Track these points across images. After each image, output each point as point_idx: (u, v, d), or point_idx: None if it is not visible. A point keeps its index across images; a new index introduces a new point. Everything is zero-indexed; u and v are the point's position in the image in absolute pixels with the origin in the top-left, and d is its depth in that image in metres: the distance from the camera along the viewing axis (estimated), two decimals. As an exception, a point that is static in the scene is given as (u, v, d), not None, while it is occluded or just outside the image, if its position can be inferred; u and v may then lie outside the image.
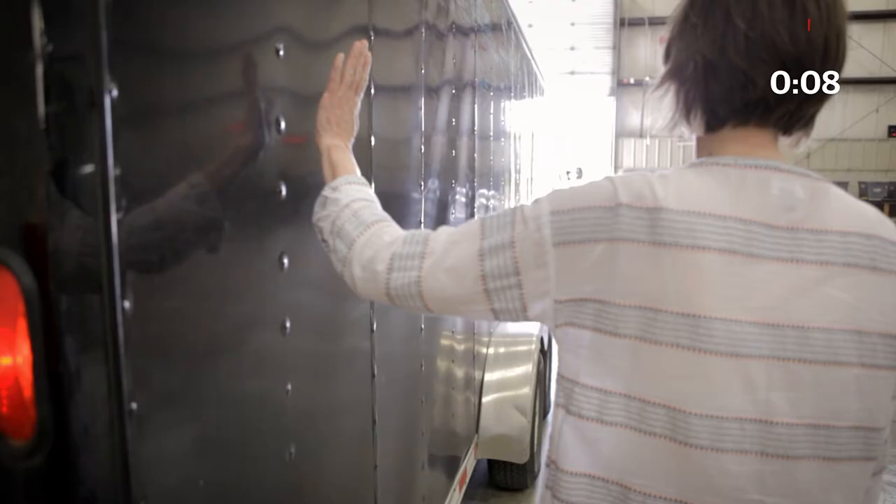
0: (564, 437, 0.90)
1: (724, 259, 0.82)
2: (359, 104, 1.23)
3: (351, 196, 1.10)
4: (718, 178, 0.86)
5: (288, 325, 1.19)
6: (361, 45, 1.21)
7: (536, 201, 0.91)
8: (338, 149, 1.18)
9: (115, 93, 0.73)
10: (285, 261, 1.18)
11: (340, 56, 1.20)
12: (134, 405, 0.78)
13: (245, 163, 1.06)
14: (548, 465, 0.94)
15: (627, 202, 0.84)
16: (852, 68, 18.20)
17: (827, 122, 18.54)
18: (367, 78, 1.22)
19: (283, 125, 1.14)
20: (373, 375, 1.70)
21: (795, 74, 0.84)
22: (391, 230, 1.04)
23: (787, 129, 0.91)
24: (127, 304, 0.76)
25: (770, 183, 0.85)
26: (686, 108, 0.92)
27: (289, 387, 1.21)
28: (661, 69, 0.95)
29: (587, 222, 0.85)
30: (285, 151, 1.17)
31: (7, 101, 0.68)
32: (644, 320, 0.82)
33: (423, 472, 2.33)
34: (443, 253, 0.95)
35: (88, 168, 0.72)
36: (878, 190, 18.08)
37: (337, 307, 1.48)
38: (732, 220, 0.83)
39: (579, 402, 0.88)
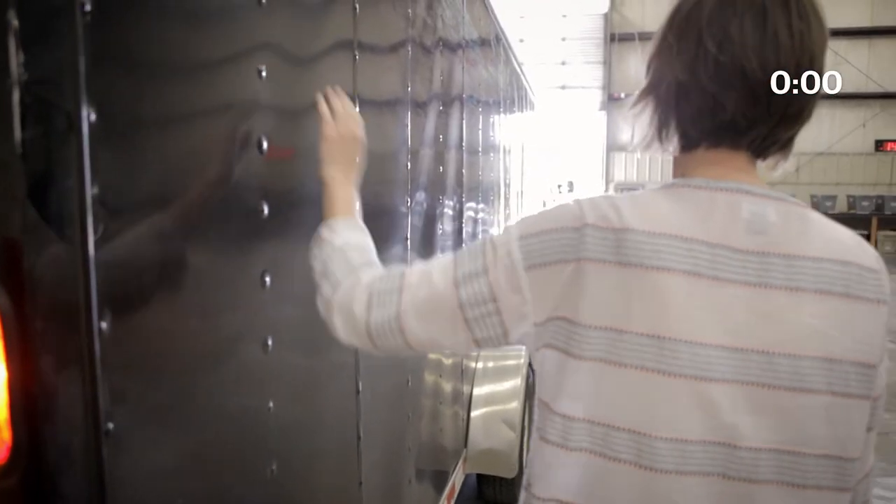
0: (536, 462, 0.90)
1: (688, 281, 0.81)
2: (363, 136, 1.22)
3: (345, 239, 1.10)
4: (688, 201, 0.85)
5: (270, 342, 1.19)
6: (331, 90, 1.23)
7: (506, 229, 0.92)
8: (339, 183, 1.17)
9: (93, 116, 0.74)
10: (267, 279, 1.18)
11: (320, 95, 1.21)
12: (111, 425, 0.78)
13: (226, 182, 1.06)
14: (525, 488, 0.94)
15: (593, 222, 0.84)
16: (840, 84, 18.41)
17: (815, 136, 18.71)
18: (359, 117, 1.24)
19: (265, 144, 1.15)
20: (357, 391, 1.70)
21: (764, 99, 0.83)
22: (372, 272, 1.04)
23: (760, 153, 0.90)
24: (104, 325, 0.77)
25: (740, 206, 0.84)
26: (659, 128, 0.92)
27: (271, 404, 1.21)
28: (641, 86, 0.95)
29: (556, 244, 0.85)
30: (267, 170, 1.18)
31: (-15, 126, 0.68)
32: (609, 341, 0.82)
33: (410, 488, 2.32)
34: (418, 285, 0.95)
35: (66, 191, 0.72)
36: (865, 203, 18.21)
37: (320, 324, 1.48)
38: (698, 243, 0.82)
39: (547, 428, 0.87)
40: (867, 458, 0.92)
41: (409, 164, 2.15)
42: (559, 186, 13.64)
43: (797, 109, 0.86)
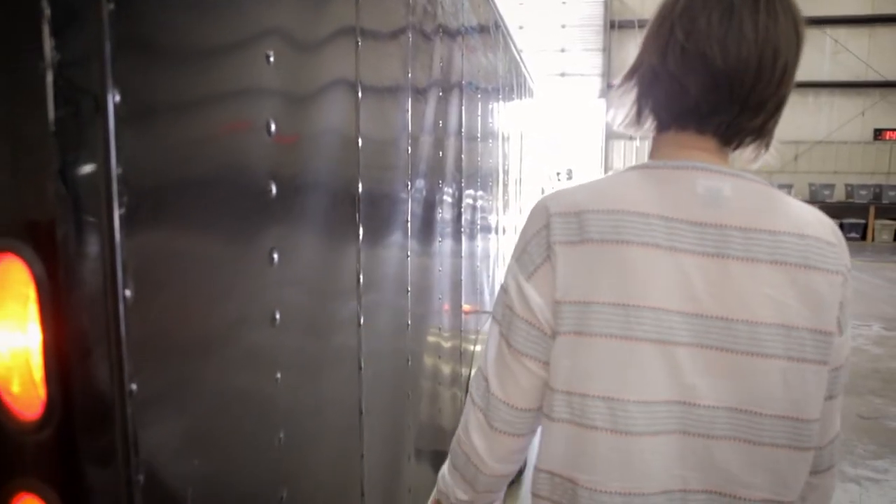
0: (538, 436, 0.99)
1: (647, 252, 0.87)
2: None
3: None
4: (646, 179, 0.92)
5: (277, 317, 1.25)
6: None
7: (507, 266, 1.00)
8: None
9: (117, 97, 0.80)
10: (275, 256, 1.24)
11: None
12: (134, 386, 0.84)
13: (238, 163, 1.12)
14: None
15: (556, 211, 0.91)
16: (838, 72, 18.41)
17: (814, 125, 18.74)
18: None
19: (273, 127, 1.21)
20: (360, 368, 1.77)
21: (726, 87, 0.88)
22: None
23: (728, 139, 0.94)
24: (128, 293, 0.83)
25: (695, 182, 0.90)
26: (638, 109, 0.99)
27: (278, 376, 1.27)
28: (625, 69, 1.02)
29: (538, 248, 0.93)
30: (275, 152, 1.24)
31: (20, 106, 0.74)
32: (579, 314, 0.88)
33: (409, 465, 2.39)
34: (485, 353, 1.03)
35: (93, 168, 0.78)
36: (863, 192, 18.26)
37: (325, 301, 1.54)
38: (655, 217, 0.88)
39: (544, 401, 0.96)
40: (832, 424, 0.98)
41: (409, 148, 2.21)
42: (558, 174, 13.69)
43: (759, 100, 0.90)
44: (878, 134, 19.25)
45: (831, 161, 19.38)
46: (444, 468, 1.14)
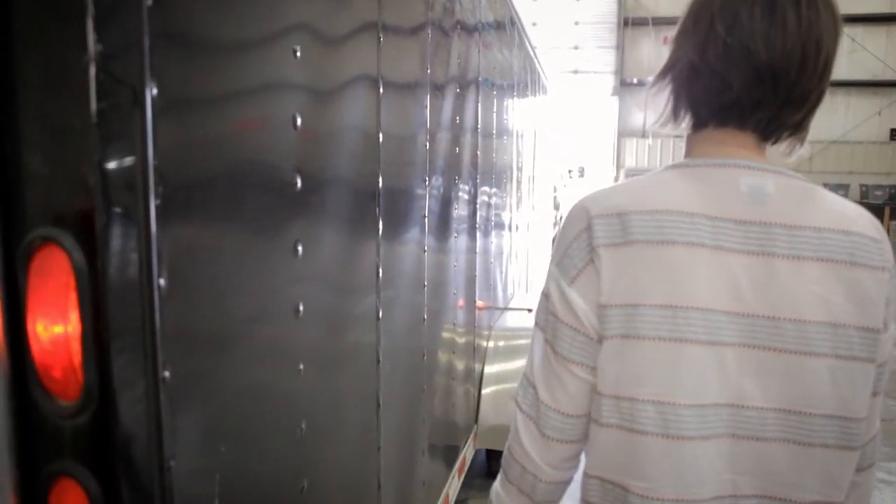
0: (588, 439, 0.96)
1: (693, 252, 0.86)
2: None
3: None
4: (687, 178, 0.91)
5: (301, 309, 1.28)
6: None
7: (547, 273, 0.97)
8: None
9: (155, 91, 0.82)
10: (299, 248, 1.26)
11: None
12: (167, 374, 0.87)
13: (266, 156, 1.14)
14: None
15: (597, 213, 0.90)
16: (855, 71, 18.25)
17: (829, 124, 18.60)
18: None
19: (299, 121, 1.23)
20: (378, 362, 1.79)
21: (770, 81, 0.88)
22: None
23: (768, 135, 0.94)
24: (162, 282, 0.85)
25: (738, 180, 0.89)
26: (674, 107, 0.97)
27: (301, 367, 1.29)
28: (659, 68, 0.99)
29: (579, 252, 0.91)
30: (301, 146, 1.26)
31: (64, 99, 0.76)
32: (626, 317, 0.86)
33: (423, 458, 2.41)
34: (528, 366, 1.00)
35: (131, 159, 0.80)
36: (879, 193, 18.13)
37: (345, 295, 1.56)
38: (699, 217, 0.87)
39: (593, 406, 0.93)
40: (873, 422, 0.96)
41: (427, 144, 2.22)
42: (570, 172, 13.70)
43: (802, 93, 0.89)
44: (895, 134, 19.10)
45: (846, 161, 19.23)
46: (497, 486, 1.11)
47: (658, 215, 0.87)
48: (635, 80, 20.41)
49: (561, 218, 11.80)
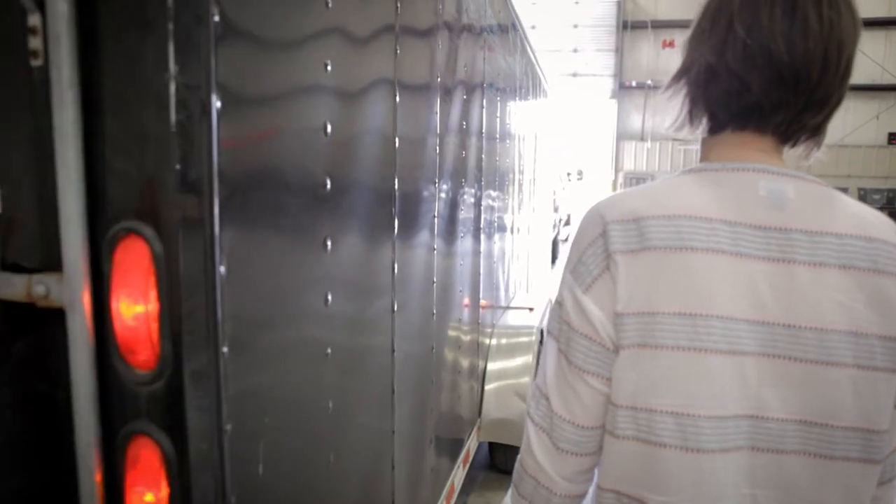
0: (602, 451, 0.95)
1: (712, 258, 0.84)
2: None
3: None
4: (704, 183, 0.89)
5: (329, 298, 1.42)
6: None
7: (561, 279, 0.96)
8: None
9: (218, 104, 0.96)
10: (328, 243, 1.40)
11: None
12: (225, 349, 1.01)
13: (303, 160, 1.28)
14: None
15: (613, 219, 0.88)
16: (853, 74, 18.42)
17: (828, 128, 18.77)
18: None
19: (329, 128, 1.37)
20: (393, 351, 1.93)
21: (792, 83, 0.86)
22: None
23: (788, 138, 0.92)
24: (223, 269, 0.99)
25: (756, 185, 0.87)
26: (690, 110, 0.96)
27: (329, 351, 1.43)
28: (672, 71, 0.98)
29: (594, 258, 0.89)
30: (330, 151, 1.40)
31: (150, 111, 0.90)
32: (643, 326, 0.84)
33: (431, 446, 2.55)
34: (541, 376, 0.98)
35: (200, 163, 0.94)
36: (877, 196, 18.35)
37: (366, 287, 1.71)
38: (718, 222, 0.85)
39: (607, 417, 0.91)
40: (895, 433, 0.92)
41: (437, 149, 2.37)
42: (568, 174, 13.84)
43: (823, 95, 0.87)
44: (893, 138, 19.30)
45: (844, 165, 19.43)
46: (507, 501, 1.08)
47: (676, 221, 0.85)
48: (634, 83, 20.60)
49: (560, 220, 11.75)
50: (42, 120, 0.94)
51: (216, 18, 0.94)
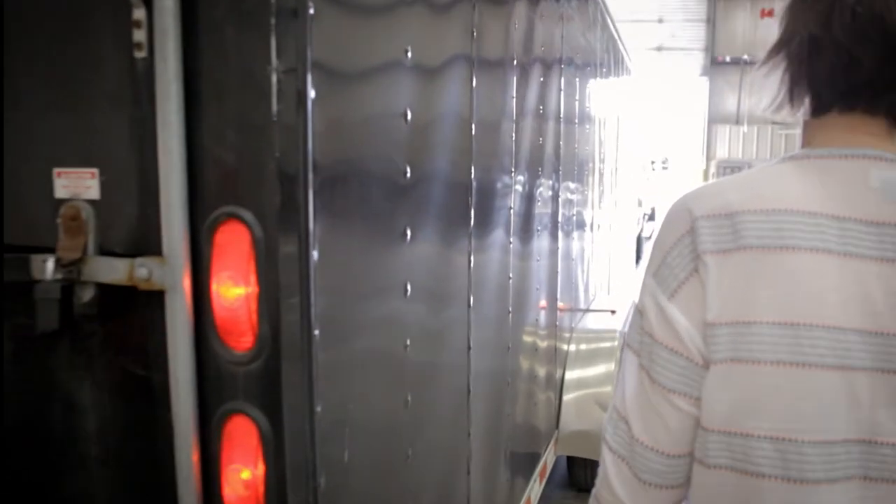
0: (689, 486, 0.93)
1: (817, 259, 0.81)
2: None
3: None
4: (808, 172, 0.86)
5: (409, 288, 1.56)
6: None
7: (641, 285, 0.95)
8: None
9: (313, 94, 1.11)
10: (408, 233, 1.55)
11: None
12: (317, 331, 1.16)
13: (384, 148, 1.44)
14: None
15: (703, 214, 0.86)
16: None
17: None
18: None
19: (409, 115, 1.52)
20: (469, 348, 2.07)
21: None
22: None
23: None
24: (315, 255, 1.14)
25: (868, 174, 0.84)
26: (790, 89, 0.92)
27: (407, 342, 1.58)
28: (770, 44, 0.95)
29: (681, 259, 0.87)
30: (410, 139, 1.55)
31: (252, 101, 1.06)
32: (737, 337, 0.82)
33: (507, 456, 2.69)
34: (620, 397, 0.96)
35: (297, 152, 1.10)
36: None
37: (443, 280, 1.85)
38: (824, 217, 0.82)
39: (696, 443, 0.90)
40: None
41: (513, 136, 2.50)
42: (652, 163, 13.70)
43: None
44: None
45: None
46: None
47: (775, 216, 0.83)
48: (728, 59, 20.21)
49: (644, 215, 11.54)
50: (143, 109, 1.11)
51: (311, 11, 1.09)
